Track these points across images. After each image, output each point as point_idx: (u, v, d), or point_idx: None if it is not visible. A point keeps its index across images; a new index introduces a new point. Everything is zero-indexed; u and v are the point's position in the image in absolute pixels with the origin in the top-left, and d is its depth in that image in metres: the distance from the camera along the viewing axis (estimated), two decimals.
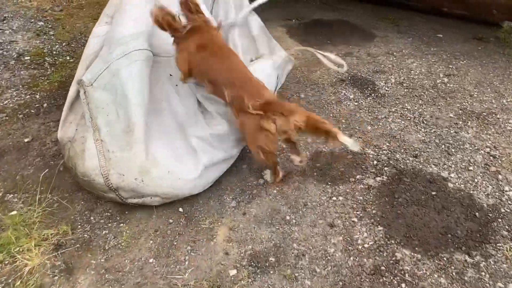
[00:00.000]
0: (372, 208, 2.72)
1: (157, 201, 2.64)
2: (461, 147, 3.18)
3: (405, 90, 3.86)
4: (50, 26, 5.11)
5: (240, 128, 2.68)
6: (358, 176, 2.95)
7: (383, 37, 4.88)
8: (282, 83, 3.70)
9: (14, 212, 2.72)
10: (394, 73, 4.13)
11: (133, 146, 2.51)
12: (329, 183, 2.91)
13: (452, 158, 3.08)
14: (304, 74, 4.15)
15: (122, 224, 2.67)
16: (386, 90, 3.86)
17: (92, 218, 2.71)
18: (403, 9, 5.49)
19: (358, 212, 2.70)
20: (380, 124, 3.44)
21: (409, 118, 3.50)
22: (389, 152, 3.14)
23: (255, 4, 3.39)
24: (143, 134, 2.53)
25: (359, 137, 3.28)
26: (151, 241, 2.55)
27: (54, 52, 4.55)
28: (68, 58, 4.48)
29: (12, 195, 2.86)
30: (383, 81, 3.99)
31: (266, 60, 3.32)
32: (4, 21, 5.11)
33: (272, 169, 2.80)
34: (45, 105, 3.78)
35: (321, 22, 5.35)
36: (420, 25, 5.14)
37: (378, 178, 2.93)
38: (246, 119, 2.56)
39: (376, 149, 3.17)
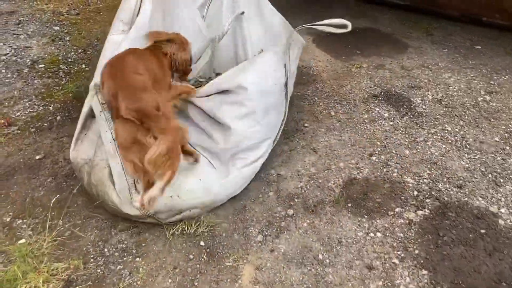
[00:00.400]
0: (415, 247, 2.44)
1: (197, 212, 2.55)
2: (510, 177, 2.87)
3: (444, 109, 3.55)
4: (66, 31, 4.91)
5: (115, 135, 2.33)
6: (397, 209, 2.67)
7: (416, 47, 4.57)
8: (295, 73, 3.40)
9: (22, 241, 2.52)
10: (431, 89, 3.83)
11: None
12: (365, 216, 2.63)
13: (501, 190, 2.78)
14: (333, 88, 3.87)
15: (138, 259, 2.43)
16: (424, 109, 3.56)
17: (106, 250, 2.49)
18: (437, 17, 5.15)
19: (399, 252, 2.42)
20: (419, 148, 3.15)
21: (450, 141, 3.20)
22: (431, 181, 2.85)
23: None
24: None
25: (397, 163, 3.00)
26: (169, 280, 2.32)
27: (70, 60, 4.35)
28: (83, 66, 4.27)
29: (21, 221, 2.66)
30: (420, 98, 3.69)
31: (267, 52, 2.97)
32: (19, 25, 4.92)
33: (143, 187, 2.28)
34: (58, 118, 3.57)
35: (352, 29, 5.04)
36: (455, 35, 4.81)
37: (419, 212, 2.64)
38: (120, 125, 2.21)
39: (416, 177, 2.89)
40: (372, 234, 2.53)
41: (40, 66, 4.21)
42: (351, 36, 4.74)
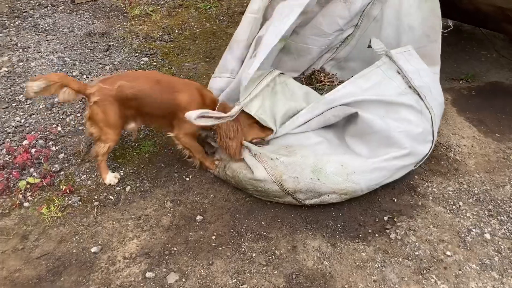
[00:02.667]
0: None
1: (335, 198, 2.58)
2: None
3: None
4: (154, 63, 4.27)
5: None
6: None
7: None
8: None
9: None
10: None
11: (296, 152, 2.64)
12: None
13: None
14: (485, 188, 2.78)
15: None
16: None
17: None
18: None
19: None
20: None
21: None
22: None
23: None
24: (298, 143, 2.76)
25: None
26: None
27: None
28: None
29: None
30: None
31: None
32: (107, 52, 4.39)
33: None
34: (127, 188, 2.89)
35: (502, 87, 3.86)
36: None
37: None
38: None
39: None
40: None
41: None
42: (505, 98, 3.58)
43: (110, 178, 2.95)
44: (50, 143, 3.27)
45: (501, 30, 4.07)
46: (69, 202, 2.82)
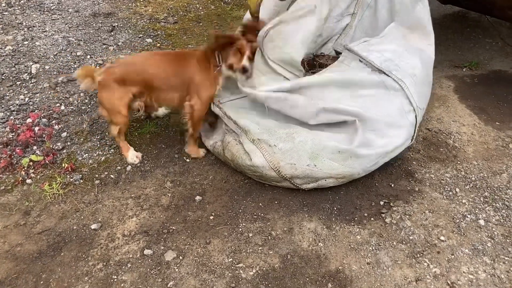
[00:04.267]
0: None
1: (332, 182, 2.64)
2: None
3: None
4: (158, 45, 4.29)
5: None
6: None
7: None
8: None
9: None
10: None
11: (294, 137, 2.62)
12: None
13: None
14: (482, 175, 2.80)
15: None
16: None
17: None
18: None
19: None
20: None
21: None
22: None
23: None
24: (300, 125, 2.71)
25: None
26: None
27: None
28: None
29: None
30: None
31: None
32: (112, 32, 4.40)
33: None
34: (128, 168, 2.94)
35: (505, 76, 3.85)
36: None
37: None
38: None
39: None
40: None
41: None
42: (507, 87, 3.57)
43: (132, 156, 3.00)
44: (53, 121, 3.31)
45: (507, 18, 4.03)
46: (71, 180, 2.87)
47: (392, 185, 2.77)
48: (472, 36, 4.49)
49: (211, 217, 2.60)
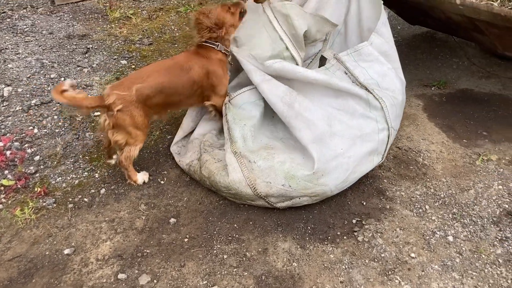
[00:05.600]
0: None
1: (306, 200, 2.68)
2: None
3: None
4: (133, 66, 4.30)
5: None
6: None
7: None
8: None
9: None
10: None
11: (274, 156, 2.70)
12: None
13: None
14: (451, 192, 2.88)
15: None
16: None
17: None
18: None
19: None
20: None
21: None
22: None
23: None
24: (281, 145, 2.83)
25: None
26: None
27: None
28: None
29: None
30: None
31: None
32: (86, 54, 4.40)
33: None
34: (102, 191, 2.93)
35: (472, 95, 3.99)
36: None
37: None
38: None
39: None
40: None
41: (96, 114, 3.60)
42: (474, 105, 3.71)
43: (141, 177, 2.98)
44: (26, 145, 3.28)
45: (471, 39, 4.20)
46: (44, 204, 2.84)
47: (364, 203, 2.83)
48: (440, 56, 4.65)
49: (186, 240, 2.60)
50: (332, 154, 2.68)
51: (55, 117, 3.57)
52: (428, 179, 3.00)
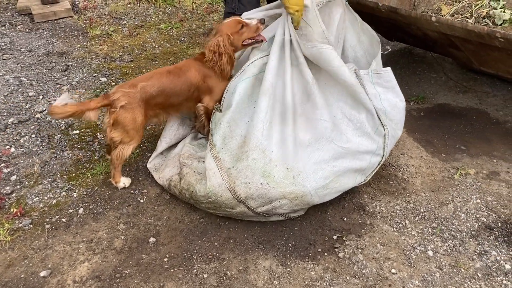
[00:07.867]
0: None
1: (285, 204, 2.63)
2: None
3: None
4: (113, 84, 4.28)
5: None
6: None
7: None
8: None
9: None
10: None
11: (249, 154, 2.64)
12: None
13: None
14: (430, 207, 2.91)
15: None
16: None
17: None
18: None
19: None
20: None
21: None
22: None
23: None
24: (256, 141, 2.67)
25: None
26: None
27: None
28: None
29: None
30: None
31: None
32: (66, 72, 4.37)
33: None
34: (80, 211, 2.88)
35: (449, 109, 4.07)
36: None
37: None
38: None
39: None
40: None
41: (75, 132, 3.57)
42: (452, 119, 3.78)
43: (123, 182, 3.03)
44: (2, 164, 3.22)
45: (448, 54, 4.29)
46: (20, 225, 2.78)
47: (345, 219, 2.83)
48: (418, 71, 4.73)
49: (165, 259, 2.57)
50: (315, 157, 2.70)
51: (33, 135, 3.52)
52: (408, 194, 3.03)
